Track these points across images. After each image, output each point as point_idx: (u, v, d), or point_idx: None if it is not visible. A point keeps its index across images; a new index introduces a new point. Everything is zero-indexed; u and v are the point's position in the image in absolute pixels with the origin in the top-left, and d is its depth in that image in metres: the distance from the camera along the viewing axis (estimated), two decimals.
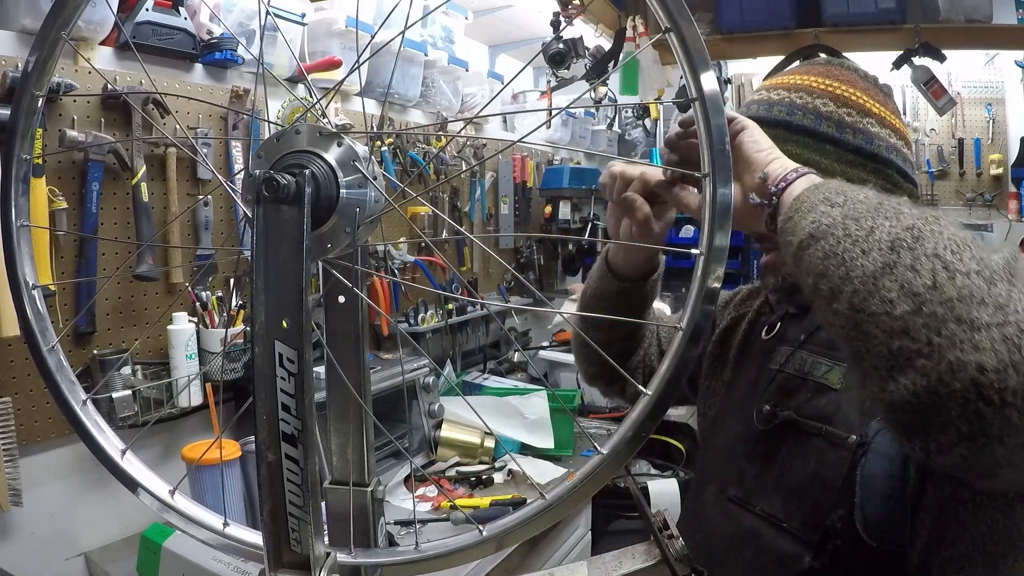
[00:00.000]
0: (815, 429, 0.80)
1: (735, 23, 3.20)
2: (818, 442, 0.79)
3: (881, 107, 0.89)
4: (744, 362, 1.02)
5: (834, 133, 0.86)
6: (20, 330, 0.71)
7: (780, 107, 0.89)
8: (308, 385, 0.55)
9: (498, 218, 2.80)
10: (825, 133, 0.86)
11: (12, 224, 0.70)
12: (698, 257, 0.55)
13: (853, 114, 0.87)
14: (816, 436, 0.80)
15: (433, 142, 2.35)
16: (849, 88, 0.89)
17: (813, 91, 0.89)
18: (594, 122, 3.42)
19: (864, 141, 0.86)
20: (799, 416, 0.82)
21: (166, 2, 1.45)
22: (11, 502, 1.24)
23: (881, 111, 0.89)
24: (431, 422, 1.94)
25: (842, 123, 0.87)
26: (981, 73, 3.37)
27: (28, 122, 0.69)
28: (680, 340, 0.56)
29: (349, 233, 0.58)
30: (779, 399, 0.86)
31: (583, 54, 2.68)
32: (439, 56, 2.24)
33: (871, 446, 0.75)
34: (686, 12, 0.52)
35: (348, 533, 0.67)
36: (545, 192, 2.91)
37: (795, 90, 0.89)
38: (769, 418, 0.85)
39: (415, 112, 2.30)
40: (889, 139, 0.88)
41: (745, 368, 1.01)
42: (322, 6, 1.85)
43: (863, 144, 0.86)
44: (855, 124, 0.87)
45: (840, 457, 0.76)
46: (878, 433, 0.75)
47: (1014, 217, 3.25)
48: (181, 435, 1.57)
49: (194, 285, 1.57)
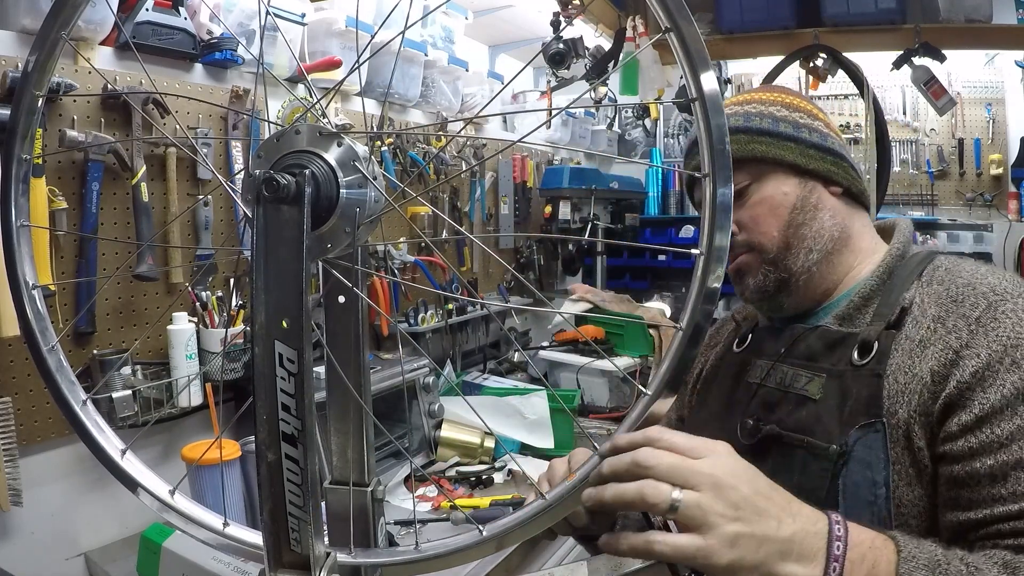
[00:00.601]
0: (798, 441, 0.81)
1: (735, 23, 3.20)
2: (801, 454, 0.81)
3: (823, 115, 0.95)
4: (715, 376, 1.03)
5: (792, 132, 0.90)
6: (20, 330, 0.71)
7: (736, 118, 0.92)
8: (308, 385, 0.55)
9: (498, 218, 2.80)
10: (784, 132, 0.90)
11: (12, 224, 0.70)
12: (698, 257, 0.55)
13: (805, 117, 0.92)
14: (799, 448, 0.81)
15: (433, 142, 2.35)
16: (795, 98, 0.95)
17: (764, 101, 0.93)
18: (594, 122, 3.43)
19: (819, 138, 0.91)
20: (782, 429, 0.83)
21: (166, 2, 1.45)
22: (11, 502, 1.24)
23: (824, 117, 0.95)
24: (431, 422, 1.94)
25: (797, 124, 0.91)
26: (981, 73, 3.37)
27: (28, 122, 0.70)
28: (680, 340, 0.56)
29: (349, 233, 0.58)
30: (762, 413, 0.88)
31: (583, 54, 2.68)
32: (439, 56, 2.24)
33: (851, 455, 0.76)
34: (686, 12, 0.52)
35: (348, 533, 0.67)
36: (545, 192, 2.91)
37: (747, 103, 0.94)
38: (753, 432, 0.86)
39: (415, 112, 2.30)
40: (836, 139, 0.94)
41: (717, 382, 1.01)
42: (322, 6, 1.85)
43: (819, 141, 0.91)
44: (809, 124, 0.91)
45: (822, 468, 0.78)
46: (857, 441, 0.76)
47: (1014, 217, 3.24)
48: (181, 435, 1.57)
49: (194, 285, 1.57)
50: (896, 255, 0.88)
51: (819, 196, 0.90)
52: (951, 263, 0.84)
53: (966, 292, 0.77)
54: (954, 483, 0.71)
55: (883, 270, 0.86)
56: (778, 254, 0.89)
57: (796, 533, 0.59)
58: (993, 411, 0.69)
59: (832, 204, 0.91)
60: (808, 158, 0.90)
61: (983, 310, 0.74)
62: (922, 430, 0.74)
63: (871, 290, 0.85)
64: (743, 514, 0.57)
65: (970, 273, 0.80)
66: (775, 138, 0.90)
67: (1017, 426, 0.68)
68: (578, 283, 2.86)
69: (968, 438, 0.70)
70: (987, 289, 0.76)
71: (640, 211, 3.32)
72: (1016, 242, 3.16)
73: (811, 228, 0.89)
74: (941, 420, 0.73)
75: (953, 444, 0.71)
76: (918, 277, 0.83)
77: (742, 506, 0.58)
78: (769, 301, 0.93)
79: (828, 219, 0.90)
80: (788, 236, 0.89)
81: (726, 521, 0.57)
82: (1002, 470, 0.68)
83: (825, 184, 0.91)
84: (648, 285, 3.24)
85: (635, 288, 3.12)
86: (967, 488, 0.70)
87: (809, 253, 0.89)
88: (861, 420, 0.76)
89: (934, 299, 0.79)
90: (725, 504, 0.57)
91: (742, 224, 0.91)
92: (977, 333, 0.73)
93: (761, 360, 0.93)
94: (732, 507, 0.57)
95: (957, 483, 0.71)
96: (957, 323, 0.75)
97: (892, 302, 0.82)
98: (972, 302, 0.76)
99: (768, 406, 0.88)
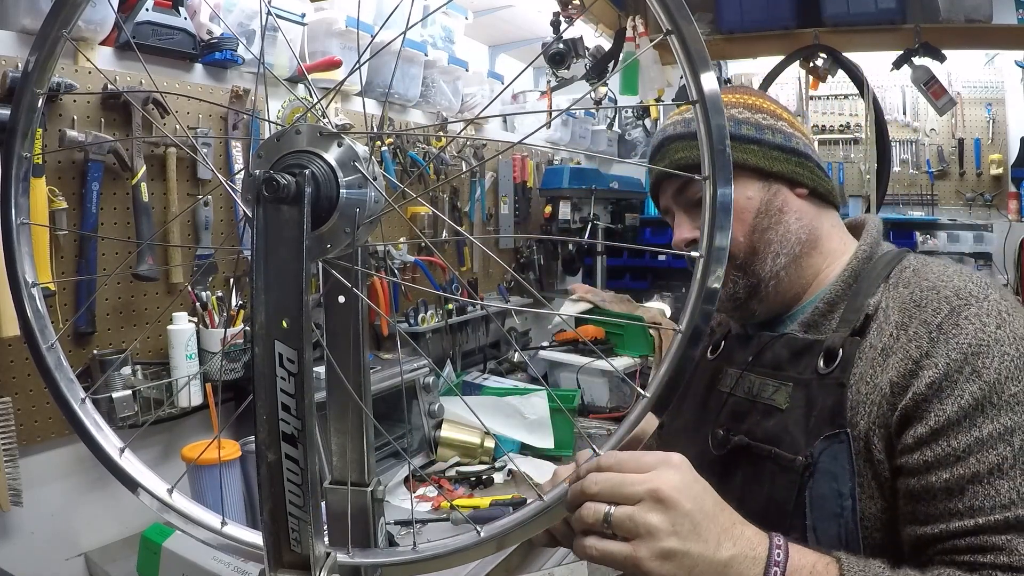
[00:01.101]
0: (766, 452, 0.80)
1: (735, 23, 3.20)
2: (769, 465, 0.80)
3: (787, 114, 0.93)
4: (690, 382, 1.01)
5: (755, 134, 0.88)
6: (20, 329, 0.71)
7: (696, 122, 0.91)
8: (308, 385, 0.55)
9: (498, 218, 2.80)
10: (747, 135, 0.88)
11: (12, 223, 0.70)
12: (698, 260, 0.55)
13: (768, 118, 0.90)
14: (767, 459, 0.80)
15: (433, 142, 2.34)
16: (757, 99, 0.93)
17: (727, 104, 0.91)
18: (594, 122, 3.42)
19: (783, 139, 0.89)
20: (751, 440, 0.82)
21: (166, 2, 1.45)
22: (11, 502, 1.24)
23: (789, 117, 0.92)
24: (431, 422, 1.94)
25: (760, 125, 0.89)
26: (981, 73, 3.38)
27: (28, 121, 0.69)
28: (680, 342, 0.56)
29: (349, 233, 0.58)
30: (731, 423, 0.87)
31: (583, 54, 2.68)
32: (439, 56, 2.24)
33: (817, 466, 0.75)
34: (686, 12, 0.52)
35: (348, 533, 0.67)
36: (545, 192, 2.91)
37: None
38: (723, 443, 0.85)
39: (415, 112, 2.30)
40: (802, 139, 0.91)
41: (691, 390, 1.00)
42: (322, 6, 1.85)
43: (783, 142, 0.89)
44: (772, 126, 0.90)
45: (789, 480, 0.76)
46: (823, 452, 0.74)
47: (1014, 217, 3.24)
48: (181, 435, 1.57)
49: (194, 285, 1.57)
50: (862, 257, 0.86)
51: (784, 199, 0.88)
52: (919, 263, 0.82)
53: (929, 296, 0.75)
54: (911, 497, 0.70)
55: (848, 274, 0.84)
56: (745, 259, 0.88)
57: (734, 557, 0.59)
58: (949, 423, 0.67)
59: (798, 206, 0.89)
60: (772, 160, 0.88)
61: (945, 315, 0.72)
62: (881, 442, 0.72)
63: (836, 295, 0.84)
64: (679, 530, 0.58)
65: (936, 275, 0.78)
66: (737, 141, 0.87)
67: (975, 438, 0.66)
68: (578, 283, 2.86)
69: (924, 451, 0.68)
70: (951, 293, 0.74)
71: (640, 211, 3.32)
72: (1016, 242, 3.16)
73: (777, 232, 0.87)
74: (899, 432, 0.71)
75: (909, 457, 0.70)
76: (885, 280, 0.81)
77: (679, 522, 0.58)
78: (741, 309, 0.91)
79: (794, 222, 0.88)
80: (754, 241, 0.87)
81: (661, 535, 0.58)
82: (958, 484, 0.66)
83: (790, 186, 0.89)
84: (648, 285, 3.24)
85: (635, 288, 3.12)
86: (923, 502, 0.69)
87: (776, 257, 0.87)
88: (826, 431, 0.75)
89: (898, 304, 0.77)
90: (661, 518, 0.58)
91: None
92: (938, 341, 0.71)
93: (732, 368, 0.92)
94: (668, 522, 0.58)
95: (914, 497, 0.70)
96: (918, 330, 0.73)
97: (857, 307, 0.80)
98: (935, 307, 0.74)
99: (737, 416, 0.87)
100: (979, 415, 0.67)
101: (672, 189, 0.95)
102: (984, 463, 0.65)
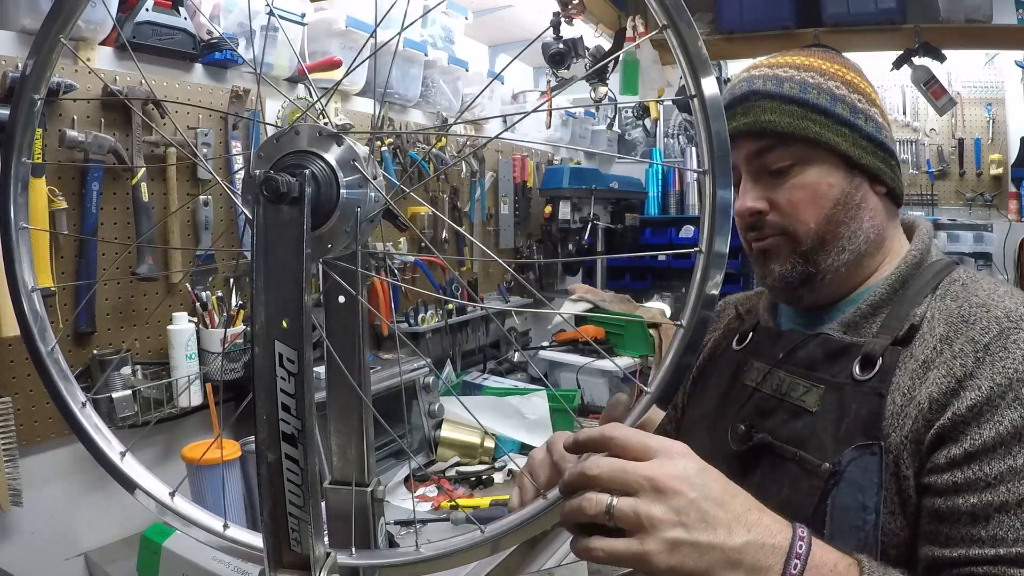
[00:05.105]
0: (790, 454, 0.77)
1: (735, 23, 3.19)
2: (792, 467, 0.76)
3: (880, 101, 0.87)
4: (712, 371, 0.99)
5: (849, 117, 0.81)
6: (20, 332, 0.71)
7: (791, 83, 0.82)
8: (308, 385, 0.55)
9: (498, 218, 2.80)
10: (841, 115, 0.81)
11: (12, 226, 0.70)
12: (698, 255, 0.55)
13: (863, 100, 0.83)
14: (790, 461, 0.77)
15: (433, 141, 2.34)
16: (856, 75, 0.85)
17: (824, 72, 0.83)
18: (594, 122, 3.42)
19: (874, 129, 0.83)
20: (774, 439, 0.79)
21: (166, 2, 1.45)
22: (11, 502, 1.24)
23: (881, 105, 0.86)
24: (431, 422, 1.94)
25: (855, 108, 0.82)
26: (981, 73, 3.37)
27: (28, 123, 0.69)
28: (681, 338, 0.56)
29: (349, 233, 0.58)
30: (754, 419, 0.83)
31: (583, 54, 2.68)
32: (439, 56, 2.24)
33: (843, 475, 0.72)
34: (684, 11, 0.52)
35: (348, 533, 0.67)
36: (545, 192, 2.91)
37: (804, 69, 0.84)
38: (744, 439, 0.82)
39: (415, 112, 2.30)
40: (889, 132, 0.86)
41: (715, 378, 0.97)
42: (322, 6, 1.85)
43: (874, 132, 0.83)
44: (866, 111, 0.83)
45: (812, 485, 0.73)
46: (852, 462, 0.72)
47: (1014, 217, 3.24)
48: (181, 435, 1.57)
49: (194, 285, 1.57)
50: (912, 263, 0.82)
51: (864, 194, 0.82)
52: (969, 278, 0.79)
53: (979, 314, 0.72)
54: (935, 517, 0.68)
55: (896, 278, 0.81)
56: (811, 248, 0.82)
57: (749, 543, 0.56)
58: (984, 448, 0.65)
59: (874, 204, 0.83)
60: (861, 150, 0.81)
61: (993, 336, 0.69)
62: (911, 458, 0.70)
63: (881, 299, 0.80)
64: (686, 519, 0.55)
65: (987, 293, 0.75)
66: (831, 120, 0.80)
67: (1008, 467, 0.64)
68: (578, 283, 2.86)
69: (955, 473, 0.66)
70: (1001, 313, 0.71)
71: (640, 211, 3.32)
72: (1016, 242, 3.16)
73: (849, 227, 0.82)
74: (931, 450, 0.69)
75: (939, 477, 0.68)
76: (932, 291, 0.78)
77: (685, 511, 0.55)
78: (788, 292, 0.86)
79: (867, 220, 0.83)
80: (825, 231, 0.81)
81: (666, 526, 0.55)
82: (984, 511, 0.64)
83: (871, 181, 0.83)
84: (648, 285, 3.24)
85: (635, 288, 3.12)
86: (946, 524, 0.67)
87: (841, 253, 0.82)
88: (858, 440, 0.72)
89: (944, 317, 0.74)
90: (665, 509, 0.55)
91: (777, 205, 0.83)
92: (983, 362, 0.68)
93: (759, 363, 0.88)
94: (673, 512, 0.55)
95: (938, 517, 0.68)
96: (964, 347, 0.70)
97: (902, 315, 0.77)
98: (983, 326, 0.71)
99: (762, 413, 0.83)
100: (1016, 444, 0.65)
101: (747, 150, 0.85)
102: (1014, 494, 0.64)
